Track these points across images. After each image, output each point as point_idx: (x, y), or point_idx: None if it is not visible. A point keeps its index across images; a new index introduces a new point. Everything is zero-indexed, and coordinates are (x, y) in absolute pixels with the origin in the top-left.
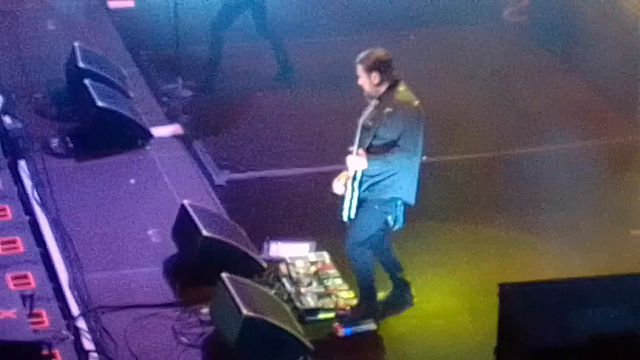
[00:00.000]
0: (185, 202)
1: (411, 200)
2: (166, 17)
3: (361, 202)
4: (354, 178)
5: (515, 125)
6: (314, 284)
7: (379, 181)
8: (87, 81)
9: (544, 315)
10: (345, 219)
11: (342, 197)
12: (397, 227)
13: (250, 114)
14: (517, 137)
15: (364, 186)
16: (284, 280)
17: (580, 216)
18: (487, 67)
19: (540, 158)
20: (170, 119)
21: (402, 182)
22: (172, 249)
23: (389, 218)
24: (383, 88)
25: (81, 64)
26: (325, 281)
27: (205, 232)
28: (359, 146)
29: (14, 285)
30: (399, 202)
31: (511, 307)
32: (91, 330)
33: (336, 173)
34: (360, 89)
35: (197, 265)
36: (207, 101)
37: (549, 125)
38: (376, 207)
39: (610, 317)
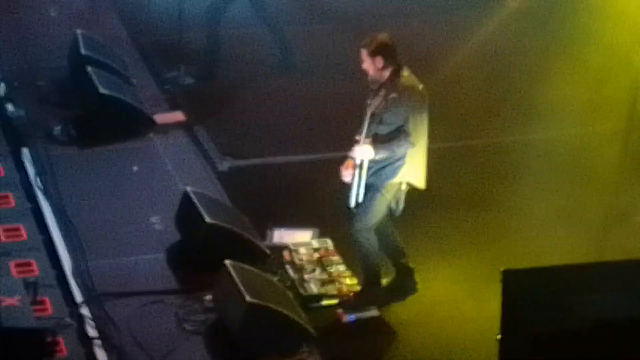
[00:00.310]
0: (188, 189)
1: (421, 183)
2: (168, 3)
3: (368, 187)
4: (361, 166)
5: (518, 111)
6: (317, 270)
7: (385, 166)
8: (89, 68)
9: (547, 301)
10: (352, 205)
11: (349, 184)
12: (398, 210)
13: (253, 100)
14: (518, 123)
15: (371, 171)
16: (287, 267)
17: (583, 202)
18: (489, 52)
19: (542, 144)
20: (173, 106)
21: (410, 165)
22: (176, 236)
23: (395, 202)
24: (387, 73)
25: (83, 51)
26: (328, 268)
27: (208, 219)
28: (366, 135)
29: (18, 272)
30: (403, 186)
31: (514, 293)
32: (95, 318)
33: (339, 160)
34: (364, 73)
35: (201, 252)
36: (210, 88)
37: (550, 111)
38: (383, 192)
39: (613, 302)
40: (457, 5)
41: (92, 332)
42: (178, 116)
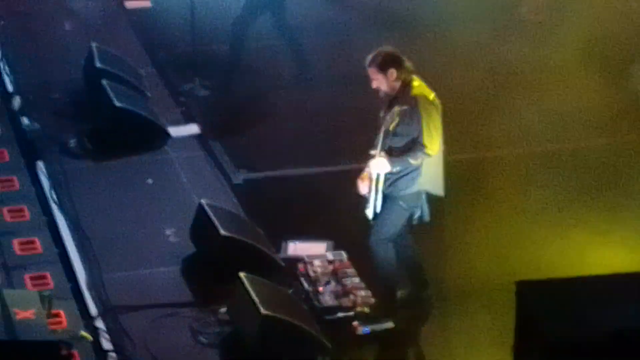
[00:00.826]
0: (203, 201)
1: (439, 191)
2: (183, 17)
3: (385, 198)
4: (377, 178)
5: (536, 121)
6: (332, 282)
7: (402, 176)
8: (104, 81)
9: (561, 312)
10: (370, 217)
11: (366, 196)
12: (425, 218)
13: (267, 113)
14: (536, 134)
15: (388, 182)
16: (302, 279)
17: (599, 213)
18: (505, 64)
19: (557, 156)
20: (188, 118)
21: (426, 174)
22: (190, 248)
23: (415, 212)
24: (398, 85)
25: (98, 64)
26: (343, 280)
27: (223, 232)
28: (381, 148)
29: (33, 285)
30: (424, 196)
31: (529, 304)
32: (110, 330)
33: (353, 171)
34: (375, 92)
35: (215, 264)
36: (224, 101)
37: (568, 122)
38: (401, 203)
39: (628, 314)
40: (471, 17)
41: (107, 345)
42: (193, 129)
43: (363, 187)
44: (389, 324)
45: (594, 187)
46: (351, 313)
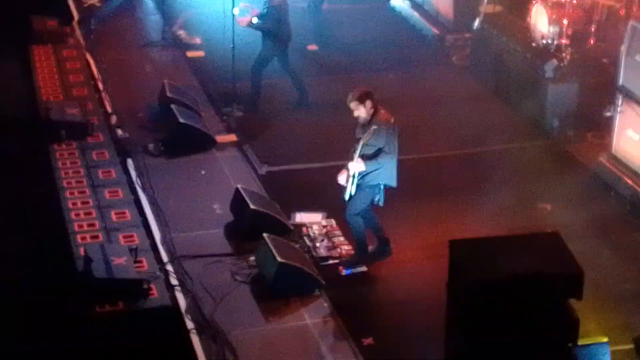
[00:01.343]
0: (239, 186)
1: (394, 183)
2: (225, 63)
3: (357, 186)
4: (354, 175)
5: (458, 134)
6: (325, 240)
7: (368, 173)
8: (172, 106)
9: (480, 261)
10: (346, 198)
11: (344, 185)
12: (380, 203)
13: (281, 126)
14: (460, 142)
15: (359, 177)
16: (305, 238)
17: (507, 197)
18: (440, 95)
19: (478, 157)
20: (228, 130)
21: (385, 173)
22: (230, 217)
23: (376, 197)
24: (371, 112)
25: (168, 94)
26: (332, 238)
27: (252, 206)
28: (358, 155)
29: (124, 241)
30: (382, 187)
31: (458, 255)
32: (175, 272)
33: (340, 167)
34: (355, 120)
35: (247, 228)
36: (252, 118)
37: (481, 134)
38: (367, 190)
39: (522, 262)
40: (417, 62)
41: (173, 281)
42: (232, 137)
43: (342, 179)
44: (363, 268)
45: (502, 179)
46: (337, 261)
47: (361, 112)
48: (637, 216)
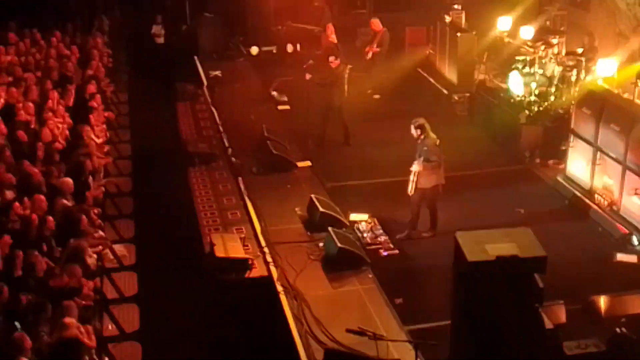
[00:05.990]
0: (312, 195)
1: (442, 181)
2: (303, 113)
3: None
4: (415, 173)
5: (460, 160)
6: (370, 232)
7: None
8: (268, 142)
9: (474, 247)
10: (409, 192)
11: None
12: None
13: (339, 155)
14: (462, 166)
15: (416, 177)
16: (356, 230)
17: (493, 203)
18: (447, 135)
19: (474, 176)
20: (304, 158)
21: (426, 177)
22: (307, 216)
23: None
24: (422, 136)
25: (265, 134)
26: (374, 231)
27: (321, 209)
28: (417, 161)
29: (236, 232)
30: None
31: (460, 243)
32: (270, 252)
33: (387, 184)
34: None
35: (317, 225)
36: (321, 150)
37: (476, 161)
38: (420, 187)
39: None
40: (432, 112)
41: (269, 259)
42: (307, 163)
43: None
44: (395, 251)
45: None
46: (379, 246)
47: (418, 134)
48: (575, 210)
